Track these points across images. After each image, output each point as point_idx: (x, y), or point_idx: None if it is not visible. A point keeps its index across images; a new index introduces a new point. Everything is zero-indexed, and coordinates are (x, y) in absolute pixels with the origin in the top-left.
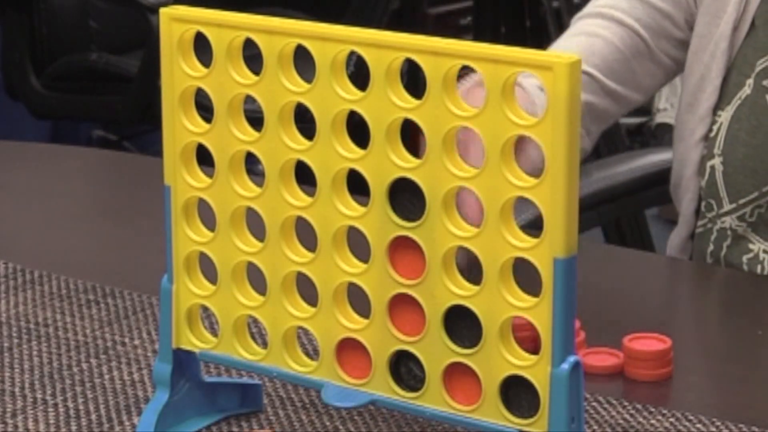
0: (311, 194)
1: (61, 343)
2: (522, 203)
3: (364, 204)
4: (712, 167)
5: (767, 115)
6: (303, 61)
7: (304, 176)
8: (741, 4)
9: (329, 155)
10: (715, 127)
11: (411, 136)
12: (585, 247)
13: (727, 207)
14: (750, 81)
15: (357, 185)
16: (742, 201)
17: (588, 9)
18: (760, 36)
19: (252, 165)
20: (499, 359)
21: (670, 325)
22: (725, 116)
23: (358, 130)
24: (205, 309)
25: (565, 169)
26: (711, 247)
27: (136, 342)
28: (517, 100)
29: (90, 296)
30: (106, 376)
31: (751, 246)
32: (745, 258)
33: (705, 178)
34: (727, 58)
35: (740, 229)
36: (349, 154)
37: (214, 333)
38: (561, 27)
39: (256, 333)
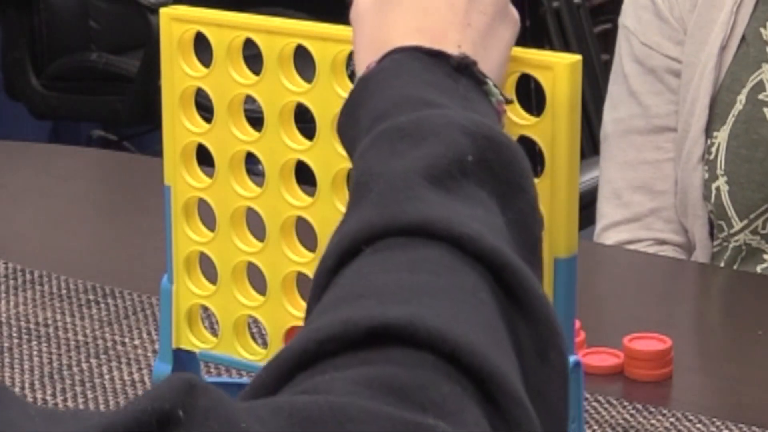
0: (311, 194)
1: (61, 343)
2: None
3: None
4: (718, 188)
5: (766, 128)
6: (303, 61)
7: (305, 176)
8: (728, 24)
9: (330, 155)
10: (713, 149)
11: None
12: (585, 247)
13: (737, 226)
14: (741, 97)
15: None
16: (752, 216)
17: (625, 124)
18: (750, 52)
19: (252, 165)
20: None
21: (670, 325)
22: (722, 136)
23: None
24: (205, 309)
25: (565, 169)
26: (727, 261)
27: (136, 342)
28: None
29: (90, 296)
30: (106, 376)
31: (765, 257)
32: (759, 268)
33: (712, 201)
34: (714, 77)
35: (754, 242)
36: None
37: (214, 333)
38: (561, 27)
39: (256, 333)
